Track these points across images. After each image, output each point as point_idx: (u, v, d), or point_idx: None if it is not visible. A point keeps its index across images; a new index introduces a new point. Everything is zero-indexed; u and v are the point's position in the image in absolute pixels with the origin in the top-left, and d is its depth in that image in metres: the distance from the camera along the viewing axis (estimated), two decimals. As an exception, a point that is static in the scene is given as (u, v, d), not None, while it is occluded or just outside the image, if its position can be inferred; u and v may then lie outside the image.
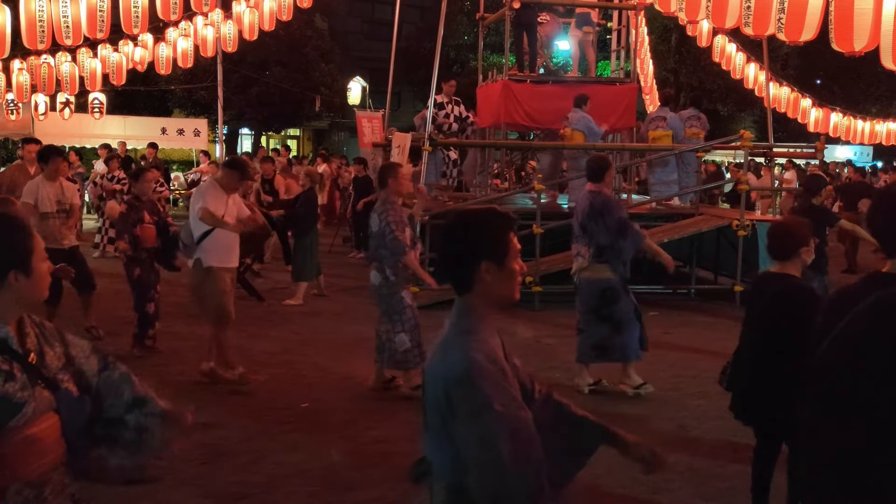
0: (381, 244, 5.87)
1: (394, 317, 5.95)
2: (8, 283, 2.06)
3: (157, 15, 10.78)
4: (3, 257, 2.08)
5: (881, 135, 17.23)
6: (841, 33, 5.86)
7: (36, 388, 2.05)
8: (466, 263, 2.03)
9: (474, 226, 2.07)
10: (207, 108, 24.21)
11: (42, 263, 2.13)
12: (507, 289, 2.07)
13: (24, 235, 2.12)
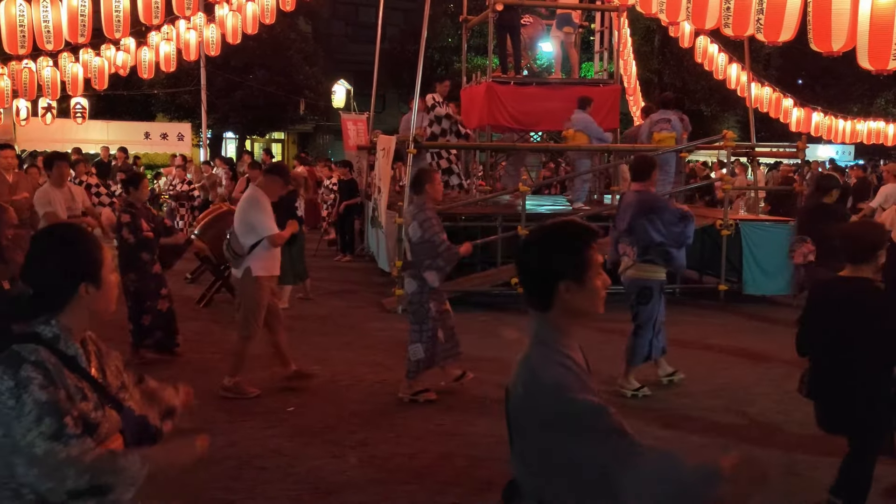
0: (424, 252, 5.79)
1: (415, 325, 5.93)
2: (79, 295, 2.02)
3: (140, 19, 10.74)
4: (74, 269, 2.04)
5: (862, 134, 17.40)
6: (819, 34, 5.92)
7: (106, 409, 2.02)
8: (545, 283, 1.97)
9: (551, 244, 2.00)
10: (191, 112, 24.12)
11: (111, 275, 2.10)
12: (589, 305, 2.00)
13: (94, 246, 2.09)
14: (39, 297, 2.01)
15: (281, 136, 35.81)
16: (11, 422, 1.84)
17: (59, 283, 2.02)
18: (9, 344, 1.95)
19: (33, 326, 1.99)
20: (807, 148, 11.18)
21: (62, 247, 2.06)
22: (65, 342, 1.99)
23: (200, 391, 5.04)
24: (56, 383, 1.91)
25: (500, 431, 5.57)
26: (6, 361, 1.91)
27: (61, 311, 2.01)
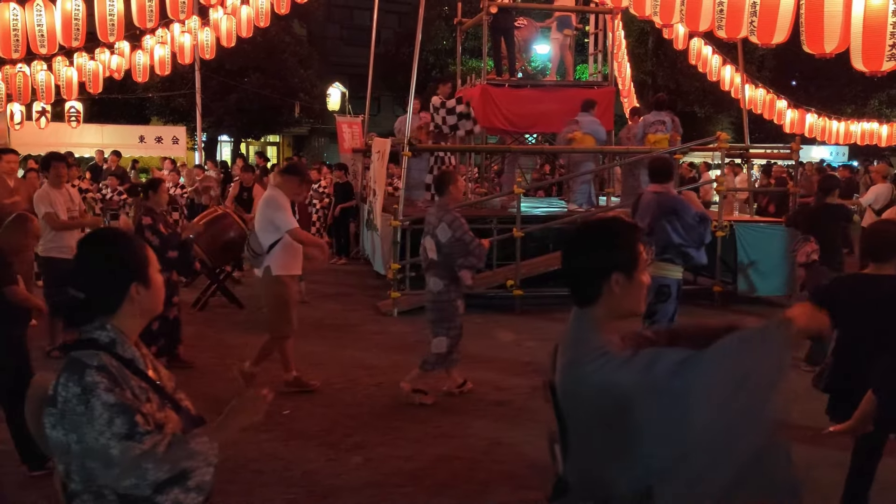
0: (455, 251, 5.85)
1: (443, 322, 5.98)
2: (130, 296, 2.02)
3: (133, 23, 10.72)
4: (124, 271, 2.04)
5: (856, 135, 17.43)
6: (812, 36, 5.94)
7: (167, 409, 2.03)
8: (596, 275, 1.97)
9: (605, 236, 2.01)
10: (186, 115, 24.11)
11: (158, 274, 2.11)
12: (633, 301, 2.00)
13: (140, 246, 2.10)
14: (91, 301, 2.01)
15: (276, 139, 35.81)
16: (83, 427, 1.85)
17: (111, 285, 2.02)
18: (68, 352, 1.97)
19: (89, 332, 1.99)
20: (801, 149, 11.21)
21: (110, 249, 2.06)
22: (121, 346, 2.00)
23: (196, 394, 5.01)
24: (121, 385, 1.92)
25: (497, 433, 5.61)
26: (69, 369, 1.91)
27: (114, 315, 2.02)
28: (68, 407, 1.86)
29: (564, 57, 13.23)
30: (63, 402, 1.87)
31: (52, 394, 1.91)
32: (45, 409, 1.92)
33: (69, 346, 1.98)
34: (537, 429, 5.47)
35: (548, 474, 4.72)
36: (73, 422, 1.86)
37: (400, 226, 9.52)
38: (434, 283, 5.99)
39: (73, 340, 2.00)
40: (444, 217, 5.88)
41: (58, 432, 1.88)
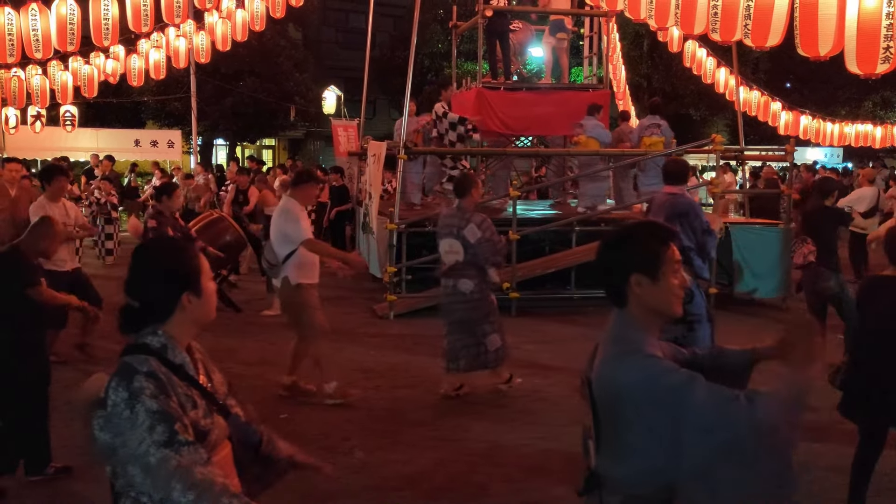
0: (484, 251, 6.02)
1: (486, 319, 6.14)
2: (182, 305, 2.05)
3: (129, 27, 10.73)
4: (176, 280, 2.06)
5: (850, 136, 17.52)
6: (806, 38, 5.96)
7: (214, 416, 2.04)
8: (617, 276, 2.03)
9: (625, 238, 2.07)
10: (181, 119, 24.06)
11: (210, 282, 2.13)
12: (663, 303, 2.03)
13: (193, 255, 2.12)
14: (145, 309, 2.05)
15: (272, 142, 35.78)
16: (126, 432, 1.87)
17: (164, 294, 2.05)
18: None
19: (141, 338, 2.02)
20: (795, 151, 11.25)
21: (164, 258, 2.10)
22: (172, 351, 2.03)
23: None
24: (167, 392, 1.93)
25: (495, 436, 5.61)
26: (120, 373, 1.95)
27: (166, 322, 2.05)
28: (116, 411, 1.89)
29: (559, 60, 13.25)
30: (112, 406, 1.90)
31: (104, 396, 1.94)
32: (96, 411, 1.95)
33: (123, 350, 2.02)
34: (536, 431, 5.49)
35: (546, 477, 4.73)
36: (119, 426, 1.88)
37: (396, 229, 9.52)
38: (464, 284, 6.07)
39: (126, 345, 2.04)
40: (471, 218, 6.04)
41: (105, 435, 1.91)
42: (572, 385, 6.53)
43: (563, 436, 5.42)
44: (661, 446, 1.89)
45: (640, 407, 1.91)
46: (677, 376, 1.90)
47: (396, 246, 9.58)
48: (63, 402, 5.89)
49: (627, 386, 1.93)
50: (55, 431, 4.82)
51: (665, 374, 1.91)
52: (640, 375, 1.91)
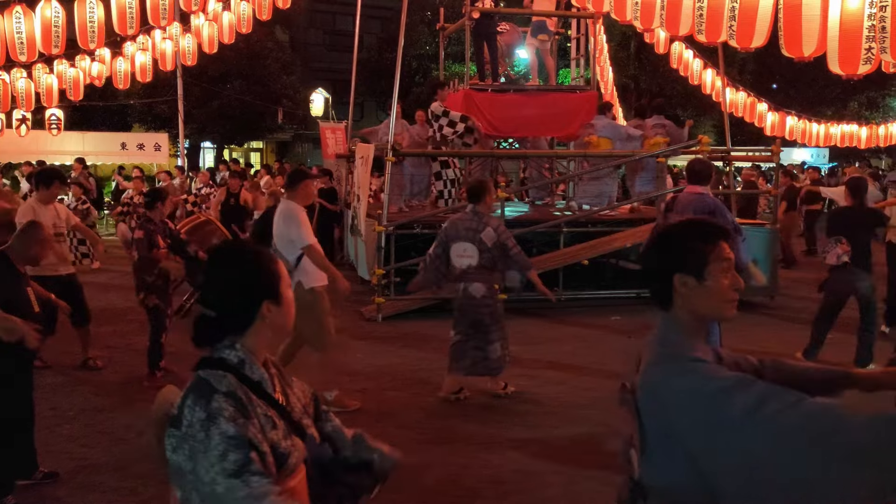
0: (497, 256, 6.09)
1: (493, 325, 6.16)
2: (262, 314, 1.93)
3: (114, 29, 10.67)
4: (256, 288, 1.93)
5: (836, 137, 17.64)
6: (790, 40, 6.00)
7: (293, 437, 1.92)
8: (660, 276, 1.94)
9: (669, 237, 1.98)
10: (168, 121, 23.98)
11: (288, 290, 2.01)
12: (710, 305, 1.92)
13: (271, 261, 2.00)
14: (223, 320, 1.92)
15: (259, 145, 35.70)
16: (198, 455, 1.75)
17: (243, 303, 1.92)
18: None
19: (218, 351, 1.90)
20: (781, 151, 11.31)
21: (242, 265, 1.95)
22: (250, 367, 1.91)
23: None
24: (247, 414, 1.81)
25: (482, 439, 5.61)
26: (197, 390, 1.83)
27: (244, 334, 1.92)
28: (190, 432, 1.77)
29: (545, 61, 13.27)
30: (187, 426, 1.78)
31: (178, 414, 1.82)
32: (169, 429, 1.82)
33: (198, 363, 1.91)
34: (525, 433, 5.50)
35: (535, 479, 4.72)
36: (193, 448, 1.76)
37: (384, 231, 9.51)
38: (476, 289, 6.10)
39: (201, 358, 1.92)
40: (489, 222, 6.12)
41: (178, 456, 1.79)
42: (560, 386, 6.56)
43: (552, 437, 5.43)
44: (706, 454, 1.76)
45: (682, 412, 1.80)
46: (725, 380, 1.78)
47: (384, 248, 9.56)
48: (48, 407, 5.87)
49: (672, 391, 1.83)
50: (40, 437, 4.78)
51: (712, 379, 1.79)
52: (684, 380, 1.81)
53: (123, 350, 7.77)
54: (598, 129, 11.05)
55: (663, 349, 1.92)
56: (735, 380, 1.78)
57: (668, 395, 1.83)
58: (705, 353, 1.90)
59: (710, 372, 1.82)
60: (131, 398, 6.27)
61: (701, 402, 1.77)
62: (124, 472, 4.83)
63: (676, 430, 1.81)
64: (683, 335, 1.92)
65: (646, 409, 1.90)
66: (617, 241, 10.31)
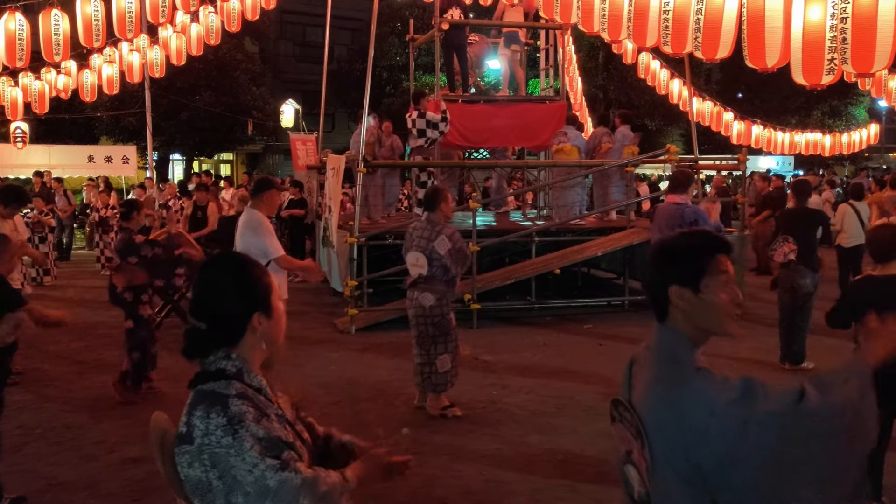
0: (450, 264, 5.95)
1: (439, 338, 6.01)
2: (252, 326, 1.93)
3: (80, 42, 10.55)
4: (248, 299, 1.94)
5: (800, 145, 17.93)
6: (754, 50, 6.09)
7: (297, 441, 1.94)
8: (657, 288, 1.93)
9: (666, 250, 1.96)
10: (136, 134, 23.72)
11: (279, 301, 2.02)
12: (708, 319, 1.89)
13: (263, 273, 2.00)
14: (214, 331, 1.92)
15: (230, 156, 35.45)
16: (229, 459, 1.74)
17: (236, 315, 1.93)
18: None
19: (214, 364, 1.91)
20: (748, 160, 11.48)
21: (235, 276, 1.96)
22: (248, 375, 1.92)
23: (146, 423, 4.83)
24: (267, 413, 1.84)
25: (453, 450, 5.59)
26: (205, 401, 1.82)
27: (237, 345, 1.93)
28: (211, 440, 1.75)
29: (515, 72, 13.38)
30: (203, 436, 1.76)
31: (186, 430, 1.80)
32: (178, 447, 1.81)
33: (194, 380, 1.90)
34: (495, 442, 5.51)
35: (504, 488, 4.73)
36: (217, 456, 1.74)
37: (356, 242, 9.49)
38: (426, 298, 5.99)
39: (196, 374, 1.91)
40: (442, 230, 5.96)
41: (195, 470, 1.77)
42: (530, 395, 6.58)
43: (522, 446, 5.45)
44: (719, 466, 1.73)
45: (694, 426, 1.75)
46: (730, 388, 1.76)
47: (357, 259, 9.54)
48: (15, 425, 5.76)
49: (678, 405, 1.79)
50: (6, 457, 4.70)
51: (715, 388, 1.77)
52: (689, 392, 1.78)
53: (93, 365, 7.66)
54: (570, 138, 11.19)
55: (665, 363, 1.88)
56: (743, 386, 1.77)
57: (677, 408, 1.78)
58: (703, 363, 1.88)
59: (717, 381, 1.79)
60: (101, 414, 6.18)
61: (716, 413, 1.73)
62: (94, 490, 4.76)
63: (688, 444, 1.76)
64: (683, 348, 1.89)
65: (652, 425, 1.84)
66: (588, 249, 10.39)
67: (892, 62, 5.50)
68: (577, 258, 10.47)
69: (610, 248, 10.38)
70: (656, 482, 1.85)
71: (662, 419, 1.82)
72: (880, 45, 5.35)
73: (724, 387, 1.78)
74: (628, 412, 1.91)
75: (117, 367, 6.72)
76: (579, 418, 5.99)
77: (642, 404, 1.88)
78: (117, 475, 4.96)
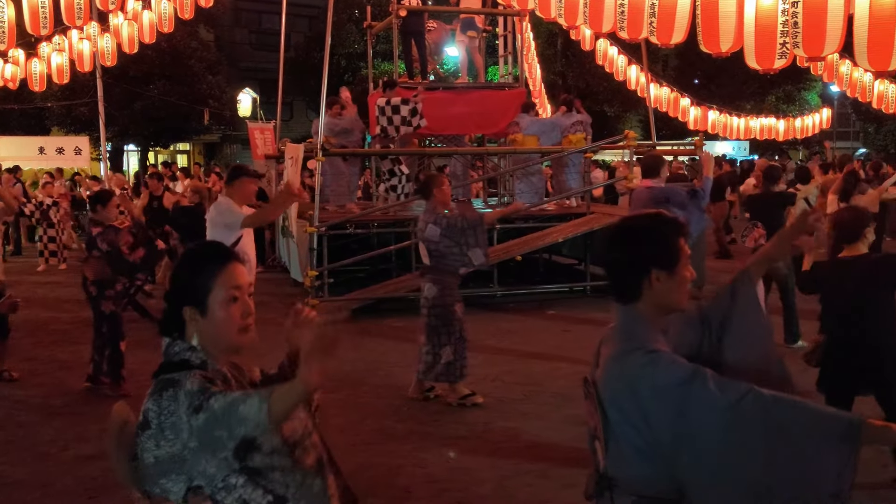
0: (447, 254, 5.87)
1: (442, 329, 5.94)
2: (188, 318, 1.93)
3: (27, 30, 10.26)
4: (181, 293, 1.96)
5: (755, 130, 18.27)
6: (708, 35, 6.15)
7: None
8: (635, 271, 1.94)
9: (643, 231, 1.98)
10: (88, 124, 23.20)
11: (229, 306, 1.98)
12: (677, 297, 1.98)
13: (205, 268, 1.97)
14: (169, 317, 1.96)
15: (186, 146, 34.87)
16: (178, 423, 1.77)
17: (173, 305, 1.96)
18: None
19: (179, 355, 1.92)
20: (704, 145, 11.61)
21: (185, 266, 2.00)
22: (213, 367, 1.93)
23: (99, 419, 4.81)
24: (215, 382, 1.85)
25: (416, 439, 5.59)
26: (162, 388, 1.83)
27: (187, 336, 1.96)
28: (164, 415, 1.79)
29: (474, 59, 13.34)
30: (157, 416, 1.80)
31: (143, 418, 1.83)
32: (140, 437, 1.82)
33: (157, 370, 1.92)
34: (459, 430, 5.50)
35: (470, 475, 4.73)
36: (175, 425, 1.77)
37: (316, 232, 9.40)
38: (429, 289, 5.97)
39: (161, 364, 1.94)
40: (429, 219, 5.90)
41: (163, 449, 1.79)
42: (494, 382, 6.59)
43: (487, 433, 5.46)
44: (669, 444, 1.82)
45: (644, 404, 1.84)
46: (682, 371, 1.83)
47: (317, 249, 9.45)
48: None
49: (632, 383, 1.87)
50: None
51: (668, 370, 1.84)
52: (643, 371, 1.85)
53: (46, 362, 7.49)
54: (522, 128, 11.16)
55: (626, 342, 1.94)
56: (693, 370, 1.83)
57: (631, 386, 1.87)
58: (663, 345, 1.94)
59: (670, 362, 1.86)
60: (54, 412, 6.04)
61: (664, 392, 1.82)
62: (48, 489, 4.65)
63: (641, 420, 1.85)
64: (645, 328, 1.95)
65: (609, 401, 1.92)
66: (549, 235, 10.43)
67: (842, 46, 5.59)
68: (539, 244, 10.51)
69: (571, 234, 10.44)
70: (612, 455, 1.93)
71: (617, 395, 1.90)
72: (830, 29, 5.44)
73: (673, 368, 1.85)
74: (593, 387, 1.99)
75: (71, 363, 6.58)
76: (547, 405, 6.01)
77: (602, 381, 1.96)
78: (72, 473, 4.85)
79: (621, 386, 1.89)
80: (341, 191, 11.08)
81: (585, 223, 10.52)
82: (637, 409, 1.86)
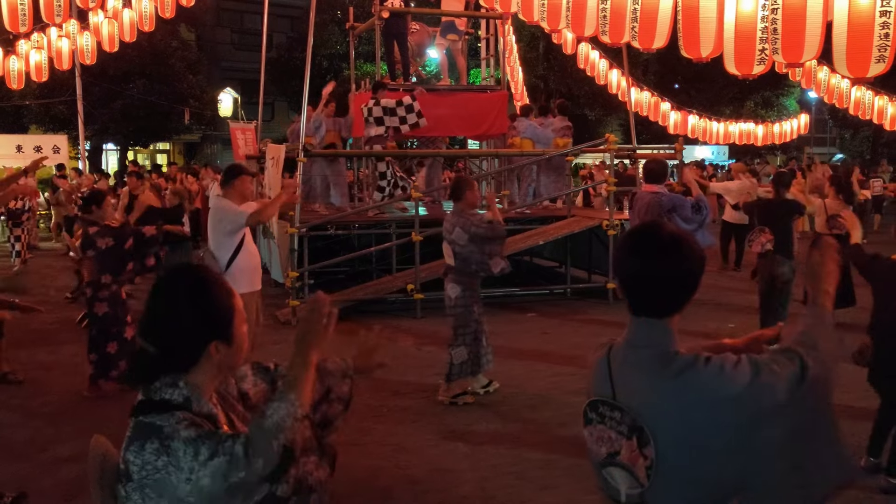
0: (471, 257, 5.94)
1: (459, 329, 6.06)
2: (209, 354, 1.74)
3: (5, 27, 10.16)
4: (205, 326, 1.74)
5: (734, 135, 18.41)
6: (689, 41, 6.22)
7: None
8: (663, 283, 1.79)
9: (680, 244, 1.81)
10: (67, 123, 23.00)
11: (243, 325, 1.83)
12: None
13: (226, 294, 1.80)
14: (165, 356, 1.73)
15: (166, 146, 34.65)
16: (170, 479, 1.61)
17: (191, 342, 1.74)
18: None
19: (159, 391, 1.72)
20: (684, 149, 11.70)
21: (193, 299, 1.75)
22: (197, 402, 1.74)
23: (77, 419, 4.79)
24: (203, 425, 1.69)
25: (397, 440, 5.59)
26: (141, 435, 1.67)
27: (188, 372, 1.75)
28: (148, 470, 1.63)
29: (456, 61, 13.36)
30: (140, 470, 1.64)
31: (125, 467, 1.66)
32: (119, 487, 1.68)
33: (136, 408, 1.72)
34: (438, 431, 5.51)
35: (450, 477, 4.73)
36: (159, 483, 1.62)
37: (297, 233, 9.38)
38: (452, 289, 6.07)
39: (139, 401, 1.73)
40: (458, 222, 5.96)
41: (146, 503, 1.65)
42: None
43: (467, 434, 5.47)
44: (742, 451, 1.70)
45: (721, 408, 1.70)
46: (746, 367, 1.73)
47: (298, 250, 9.43)
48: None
49: (687, 396, 1.72)
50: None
51: (738, 369, 1.72)
52: (718, 379, 1.71)
53: (23, 363, 7.40)
54: (519, 132, 11.23)
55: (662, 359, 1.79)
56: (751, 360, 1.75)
57: (687, 401, 1.72)
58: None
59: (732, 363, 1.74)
60: (32, 413, 5.98)
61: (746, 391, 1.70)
62: (25, 490, 4.59)
63: (695, 437, 1.71)
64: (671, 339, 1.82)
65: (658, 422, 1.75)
66: (531, 238, 10.46)
67: (820, 52, 5.67)
68: (521, 247, 10.53)
69: (552, 237, 10.48)
70: (662, 477, 1.75)
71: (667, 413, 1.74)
72: (809, 36, 5.51)
73: (739, 367, 1.73)
74: (617, 411, 1.82)
75: (50, 364, 6.52)
76: (527, 406, 6.04)
77: (640, 401, 1.78)
78: (49, 474, 4.81)
79: (673, 401, 1.73)
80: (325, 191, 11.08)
81: (566, 226, 10.56)
82: (693, 422, 1.71)
